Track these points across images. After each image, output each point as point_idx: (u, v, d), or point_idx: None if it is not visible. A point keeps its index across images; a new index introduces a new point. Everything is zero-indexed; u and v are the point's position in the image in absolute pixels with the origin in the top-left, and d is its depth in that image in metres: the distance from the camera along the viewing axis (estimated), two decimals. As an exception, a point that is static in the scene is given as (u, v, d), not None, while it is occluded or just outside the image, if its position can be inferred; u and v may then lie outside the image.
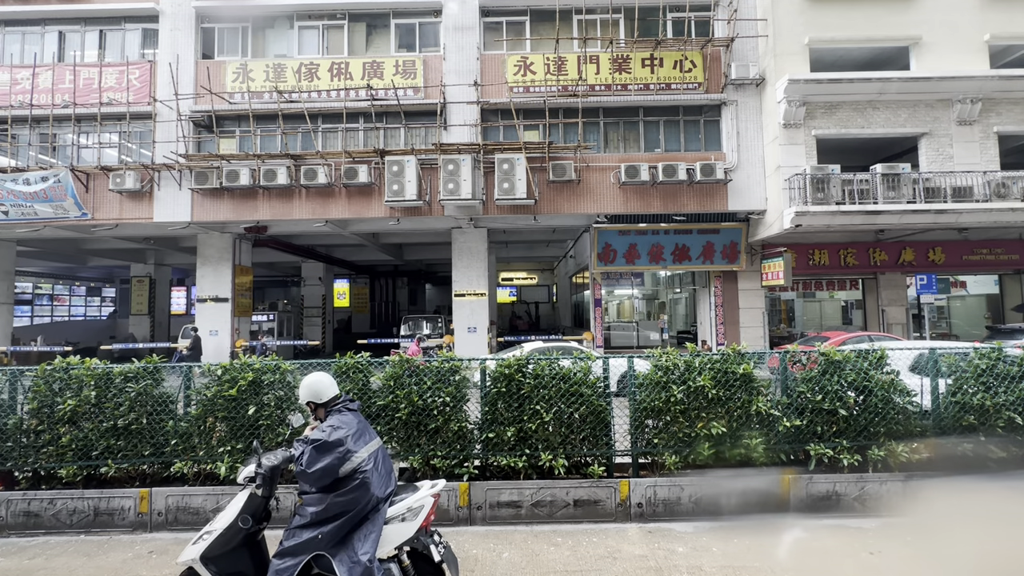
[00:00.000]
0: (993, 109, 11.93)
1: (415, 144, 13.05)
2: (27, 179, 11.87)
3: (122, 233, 14.34)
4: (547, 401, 4.87)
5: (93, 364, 4.98)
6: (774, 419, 4.91)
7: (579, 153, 12.49)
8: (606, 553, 4.15)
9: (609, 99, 12.92)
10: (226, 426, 4.82)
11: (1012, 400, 4.85)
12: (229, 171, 11.99)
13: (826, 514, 4.76)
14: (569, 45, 13.04)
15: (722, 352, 5.07)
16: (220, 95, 12.80)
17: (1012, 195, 11.23)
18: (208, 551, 2.79)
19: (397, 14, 13.54)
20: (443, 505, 4.74)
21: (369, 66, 12.96)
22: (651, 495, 4.83)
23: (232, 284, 14.17)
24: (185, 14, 13.18)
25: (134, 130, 13.22)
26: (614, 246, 13.45)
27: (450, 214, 12.56)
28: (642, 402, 5.00)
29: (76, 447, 4.81)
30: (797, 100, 11.66)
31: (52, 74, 13.06)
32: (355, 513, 2.78)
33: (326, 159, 12.28)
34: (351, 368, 4.96)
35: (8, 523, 4.79)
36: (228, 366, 4.93)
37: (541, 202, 12.56)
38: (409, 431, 4.88)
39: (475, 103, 12.75)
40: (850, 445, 4.87)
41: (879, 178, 11.24)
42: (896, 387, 4.93)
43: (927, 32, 12.09)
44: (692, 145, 13.25)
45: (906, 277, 13.88)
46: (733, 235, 13.23)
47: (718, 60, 12.90)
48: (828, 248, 13.62)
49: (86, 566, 4.14)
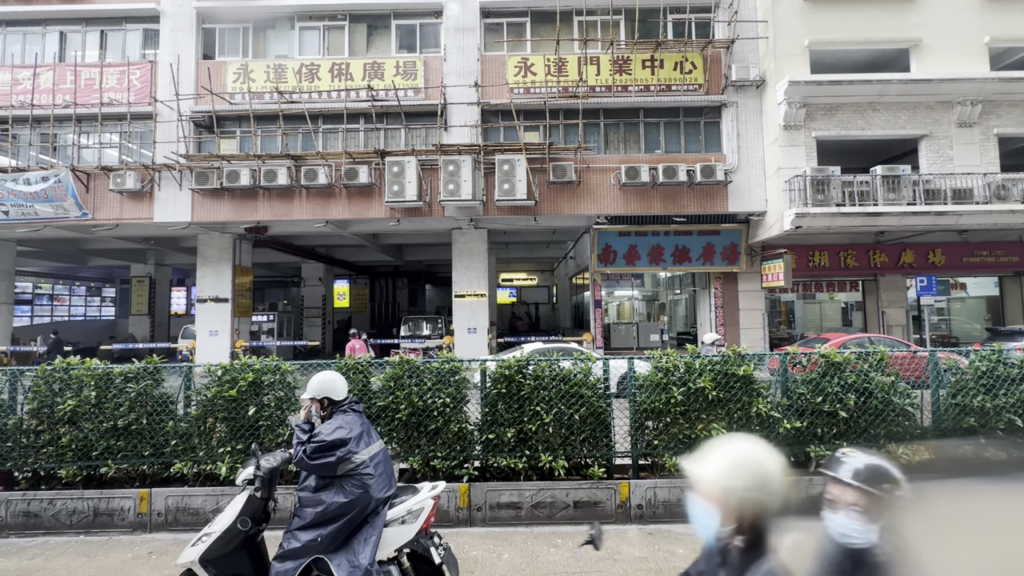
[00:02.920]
0: (993, 111, 11.94)
1: (415, 145, 13.06)
2: (28, 179, 11.87)
3: (122, 233, 14.34)
4: (547, 402, 4.87)
5: (93, 364, 4.98)
6: (774, 421, 4.91)
7: (579, 154, 12.49)
8: (606, 555, 4.14)
9: (609, 100, 12.92)
10: (226, 427, 4.82)
11: (1012, 402, 4.85)
12: (229, 171, 12.00)
13: (826, 516, 4.75)
14: (570, 46, 13.06)
15: (722, 353, 5.06)
16: (221, 95, 12.81)
17: (1012, 197, 11.23)
18: (207, 553, 2.78)
19: (398, 15, 13.56)
20: (443, 506, 4.73)
21: (370, 67, 12.97)
22: (651, 497, 4.83)
23: (232, 284, 14.17)
24: (186, 14, 13.19)
25: (135, 130, 13.22)
26: (614, 247, 13.45)
27: (450, 215, 12.56)
28: (642, 403, 4.99)
29: (76, 447, 4.80)
30: (797, 102, 11.67)
31: (53, 74, 13.07)
32: (355, 515, 2.77)
33: (326, 160, 12.28)
34: (351, 369, 4.96)
35: (8, 523, 4.79)
36: (228, 366, 4.92)
37: (541, 203, 12.56)
38: (409, 432, 4.87)
39: (476, 104, 12.76)
40: (851, 447, 4.87)
41: (879, 180, 11.24)
42: (896, 389, 4.93)
43: (927, 34, 12.09)
44: (692, 146, 13.26)
45: (906, 279, 13.88)
46: (733, 236, 13.23)
47: (718, 62, 12.91)
48: (828, 250, 13.62)
49: (86, 567, 4.14)
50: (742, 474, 1.39)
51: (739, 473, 1.39)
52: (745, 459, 1.42)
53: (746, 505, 1.38)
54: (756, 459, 1.42)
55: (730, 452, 1.44)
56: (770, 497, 1.38)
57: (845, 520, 1.46)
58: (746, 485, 1.38)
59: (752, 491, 1.37)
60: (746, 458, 1.43)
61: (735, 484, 1.38)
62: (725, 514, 1.40)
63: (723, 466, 1.41)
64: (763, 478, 1.39)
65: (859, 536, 1.46)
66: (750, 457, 1.43)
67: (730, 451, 1.44)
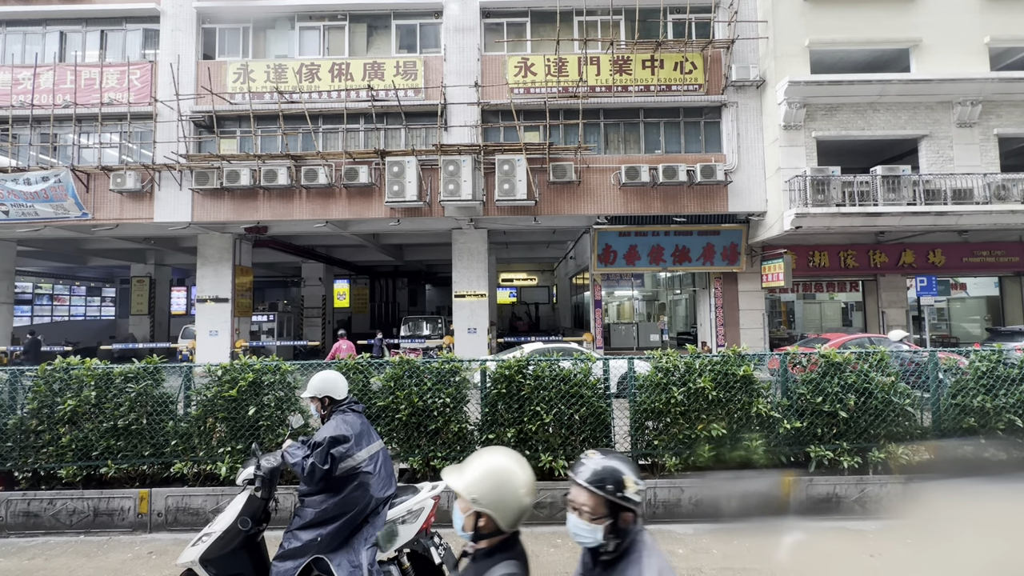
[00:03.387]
0: (993, 111, 11.94)
1: (416, 145, 13.06)
2: (28, 179, 11.87)
3: (122, 233, 14.34)
4: (547, 402, 4.87)
5: (93, 364, 4.98)
6: (774, 421, 4.91)
7: (579, 154, 12.49)
8: (606, 555, 4.14)
9: (609, 100, 12.93)
10: (226, 427, 4.82)
11: (1012, 403, 4.85)
12: (230, 171, 12.00)
13: (826, 516, 4.75)
14: (570, 46, 13.06)
15: (722, 354, 5.07)
16: (221, 95, 12.81)
17: (1012, 197, 11.23)
18: (208, 553, 2.79)
19: (398, 15, 13.56)
20: (443, 506, 4.72)
21: (370, 67, 12.97)
22: (651, 497, 4.83)
23: (232, 284, 14.17)
24: (186, 14, 13.19)
25: (135, 130, 13.22)
26: (614, 247, 13.45)
27: (450, 215, 12.56)
28: (642, 403, 5.00)
29: (76, 447, 4.80)
30: (797, 102, 11.67)
31: (53, 74, 13.07)
32: (355, 514, 2.78)
33: (327, 160, 12.28)
34: (351, 369, 4.96)
35: (8, 523, 4.79)
36: (228, 366, 4.92)
37: (541, 203, 12.56)
38: (409, 432, 4.88)
39: (476, 104, 12.76)
40: (850, 447, 4.88)
41: (879, 180, 11.24)
42: (896, 389, 4.93)
43: (927, 34, 12.09)
44: (692, 147, 13.26)
45: (906, 279, 13.88)
46: (733, 236, 13.23)
47: (718, 62, 12.92)
48: (828, 250, 13.62)
49: (86, 567, 4.14)
50: (482, 486, 1.51)
51: (481, 485, 1.52)
52: (490, 472, 1.54)
53: (485, 513, 1.51)
54: (500, 472, 1.54)
55: (479, 464, 1.56)
56: (504, 509, 1.50)
57: (576, 520, 1.52)
58: (485, 497, 1.50)
59: (489, 503, 1.50)
60: (491, 471, 1.54)
61: (476, 495, 1.51)
62: (467, 520, 1.53)
63: (470, 478, 1.54)
64: (500, 491, 1.51)
65: (586, 536, 1.52)
66: (495, 470, 1.55)
67: (479, 463, 1.57)
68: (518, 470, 1.56)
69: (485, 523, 1.52)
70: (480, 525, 1.52)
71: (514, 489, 1.52)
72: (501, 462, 1.57)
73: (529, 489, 1.55)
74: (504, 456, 1.59)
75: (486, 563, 1.52)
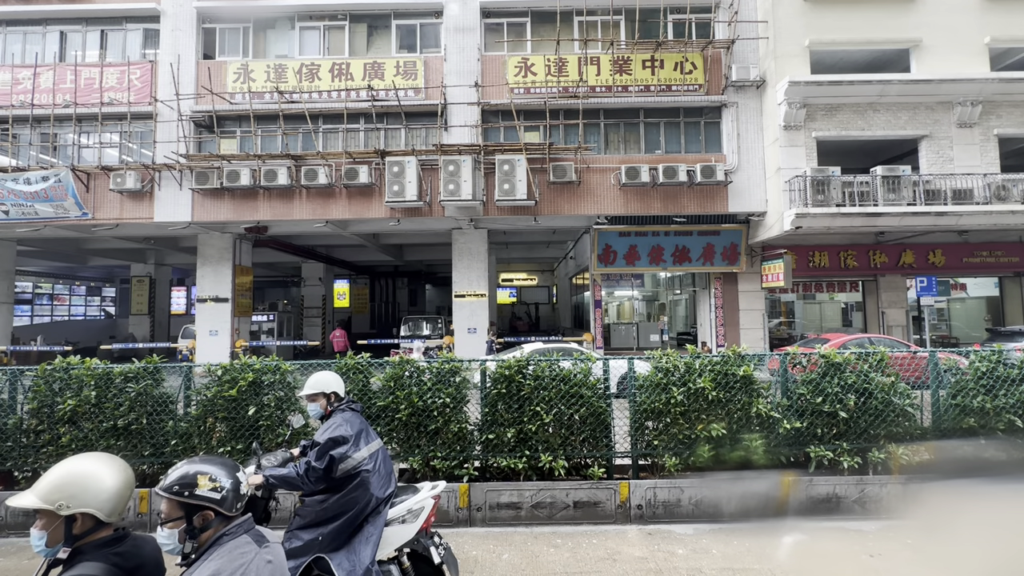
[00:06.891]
0: (993, 112, 11.94)
1: (416, 145, 13.06)
2: (28, 179, 11.87)
3: (122, 233, 14.34)
4: (547, 402, 4.87)
5: (93, 364, 4.98)
6: (774, 421, 4.91)
7: (579, 154, 12.49)
8: (606, 555, 4.15)
9: (610, 100, 12.92)
10: (226, 426, 4.82)
11: (1012, 403, 4.85)
12: (230, 171, 12.00)
13: (826, 516, 4.75)
14: (570, 46, 13.06)
15: (722, 354, 5.07)
16: (221, 95, 12.81)
17: (1012, 198, 11.23)
18: (208, 552, 2.78)
19: (398, 15, 13.56)
20: (443, 506, 4.74)
21: (370, 67, 12.97)
22: (651, 497, 4.83)
23: (232, 284, 14.17)
24: (186, 14, 13.19)
25: (135, 130, 13.22)
26: (614, 247, 13.45)
27: (450, 215, 12.56)
28: (642, 404, 5.00)
29: (76, 447, 4.80)
30: (797, 102, 11.67)
31: (53, 74, 13.07)
32: (355, 514, 2.78)
33: (327, 159, 12.28)
34: (351, 369, 4.96)
35: (8, 523, 4.79)
36: (228, 366, 4.93)
37: (541, 203, 12.56)
38: (409, 432, 4.88)
39: (476, 104, 12.76)
40: (850, 447, 4.88)
41: (879, 180, 11.24)
42: (896, 390, 4.93)
43: (927, 35, 12.09)
44: (692, 147, 13.26)
45: (906, 279, 13.88)
46: (733, 237, 13.23)
47: (719, 62, 12.92)
48: (828, 250, 13.62)
49: (85, 566, 4.13)
50: (66, 491, 1.50)
51: (63, 491, 1.50)
52: (66, 475, 1.52)
53: (79, 514, 1.50)
54: (76, 470, 1.53)
55: (48, 478, 1.52)
56: (99, 500, 1.50)
57: (159, 530, 1.53)
58: (75, 498, 1.49)
59: (81, 502, 1.49)
60: (66, 474, 1.53)
61: (61, 500, 1.49)
62: (53, 533, 1.50)
63: (43, 490, 1.50)
64: (86, 482, 1.51)
65: (165, 542, 1.53)
66: (70, 471, 1.53)
67: (46, 479, 1.53)
68: (92, 460, 1.55)
69: (81, 522, 1.50)
70: (75, 528, 1.49)
71: (99, 477, 1.51)
72: (71, 464, 1.55)
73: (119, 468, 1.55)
74: (73, 459, 1.58)
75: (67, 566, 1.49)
